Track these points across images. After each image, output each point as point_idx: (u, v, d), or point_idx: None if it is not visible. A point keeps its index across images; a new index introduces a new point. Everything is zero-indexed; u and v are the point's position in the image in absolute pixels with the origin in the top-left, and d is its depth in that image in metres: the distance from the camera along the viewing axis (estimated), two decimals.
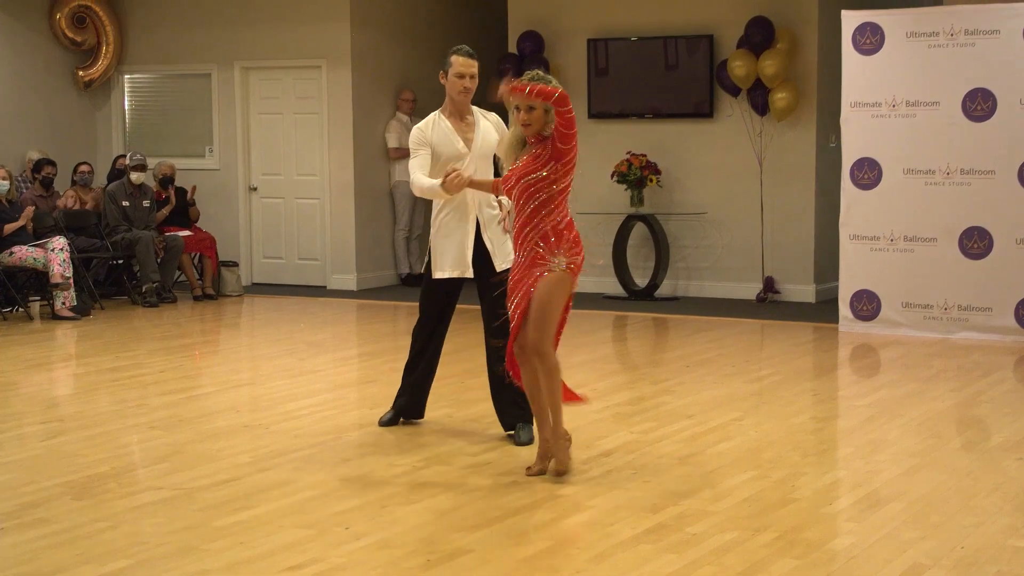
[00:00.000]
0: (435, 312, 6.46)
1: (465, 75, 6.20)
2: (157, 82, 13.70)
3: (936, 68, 9.56)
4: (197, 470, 5.80)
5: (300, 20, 12.77)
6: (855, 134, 9.88)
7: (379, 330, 10.76)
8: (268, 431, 6.63)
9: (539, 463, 5.66)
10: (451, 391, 7.54)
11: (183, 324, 10.88)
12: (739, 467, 5.83)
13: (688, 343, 9.66)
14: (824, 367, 9.04)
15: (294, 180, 13.04)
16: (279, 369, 8.61)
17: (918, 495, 5.37)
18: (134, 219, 11.93)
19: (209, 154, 13.36)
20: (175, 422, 6.87)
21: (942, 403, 7.33)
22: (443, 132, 6.22)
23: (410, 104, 12.79)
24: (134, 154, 12.18)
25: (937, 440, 6.40)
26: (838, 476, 5.82)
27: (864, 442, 6.41)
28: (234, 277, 12.52)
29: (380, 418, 6.69)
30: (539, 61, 12.15)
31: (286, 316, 11.38)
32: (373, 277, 12.92)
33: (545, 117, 5.48)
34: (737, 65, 11.33)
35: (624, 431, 6.51)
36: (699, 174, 11.98)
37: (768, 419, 6.90)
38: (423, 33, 13.35)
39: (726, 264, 11.96)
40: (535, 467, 5.67)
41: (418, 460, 5.95)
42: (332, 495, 5.39)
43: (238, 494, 5.39)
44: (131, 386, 7.96)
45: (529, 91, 5.40)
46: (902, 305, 9.80)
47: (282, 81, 13.00)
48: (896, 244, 9.78)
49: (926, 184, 9.66)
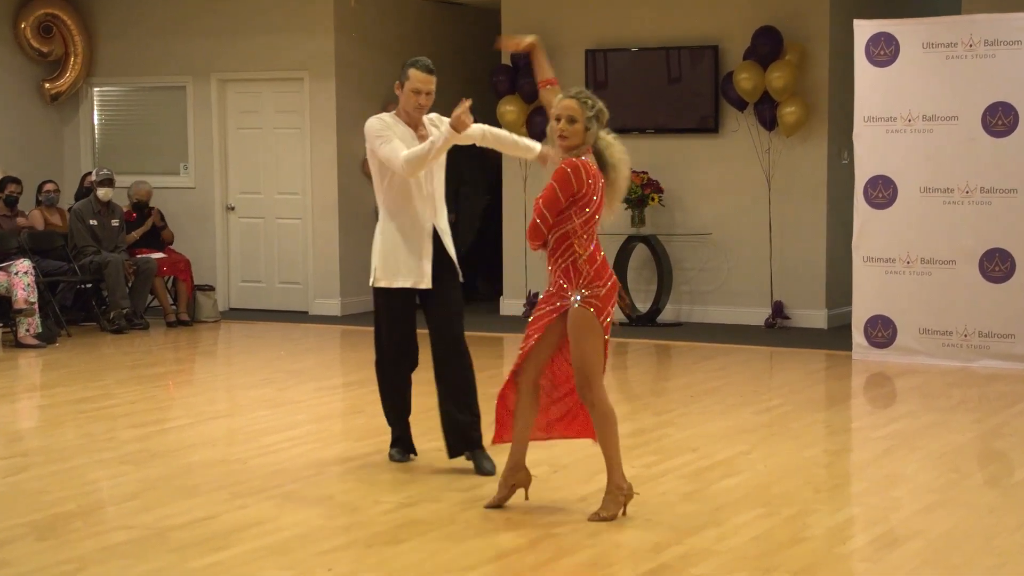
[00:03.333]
0: (398, 334, 6.33)
1: (421, 91, 6.21)
2: (128, 95, 13.72)
3: (954, 81, 9.60)
4: (170, 508, 5.78)
5: (281, 29, 12.81)
6: (869, 150, 9.91)
7: (365, 358, 10.70)
8: (246, 466, 6.61)
9: (502, 492, 5.70)
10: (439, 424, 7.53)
11: (155, 352, 10.87)
12: (747, 504, 5.82)
13: (692, 372, 9.66)
14: (837, 397, 9.04)
15: (274, 199, 13.06)
16: (258, 400, 8.60)
17: (937, 534, 5.36)
18: (103, 239, 11.93)
19: (184, 171, 13.37)
20: (146, 456, 6.85)
21: (963, 435, 7.33)
22: (402, 131, 6.23)
23: None
24: (100, 169, 12.21)
25: (957, 475, 6.40)
26: (852, 513, 5.81)
27: (880, 477, 6.41)
28: (210, 302, 12.51)
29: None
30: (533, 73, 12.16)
31: (265, 343, 11.36)
32: (359, 302, 12.92)
33: (585, 135, 5.45)
34: (744, 77, 11.38)
35: (624, 465, 6.49)
36: (703, 193, 12.01)
37: (777, 452, 6.90)
38: (412, 42, 13.39)
39: (732, 288, 11.98)
40: (496, 498, 5.70)
41: (406, 496, 5.94)
42: (314, 534, 5.37)
43: (214, 533, 5.37)
44: (99, 418, 7.94)
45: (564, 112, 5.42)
46: (919, 331, 9.81)
47: (262, 94, 13.03)
48: (913, 267, 9.80)
49: (944, 203, 9.68)
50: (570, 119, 5.43)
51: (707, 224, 11.98)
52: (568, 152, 5.46)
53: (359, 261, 12.96)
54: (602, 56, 12.13)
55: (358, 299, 12.91)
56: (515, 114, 12.21)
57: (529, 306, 12.28)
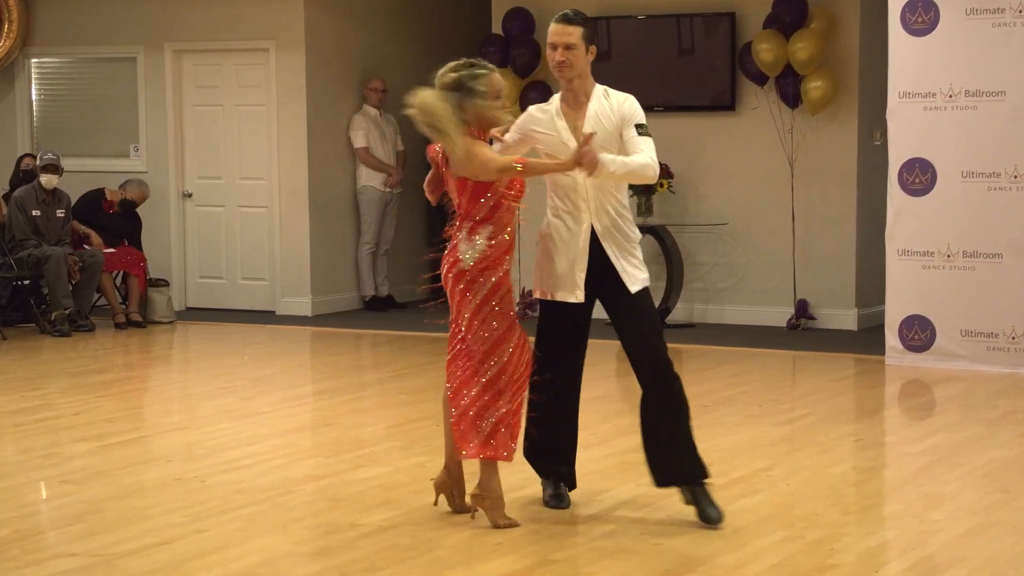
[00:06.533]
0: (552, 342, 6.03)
1: (558, 46, 5.92)
2: (71, 67, 13.70)
3: (1001, 51, 9.61)
4: (119, 532, 5.76)
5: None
6: (904, 130, 9.92)
7: (337, 363, 10.75)
8: (205, 484, 6.60)
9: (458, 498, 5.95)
10: (423, 436, 7.54)
11: (102, 357, 10.85)
12: (767, 526, 5.82)
13: (706, 379, 9.67)
14: (868, 407, 9.05)
15: (237, 185, 13.05)
16: (218, 410, 8.59)
17: (982, 560, 5.37)
18: (45, 232, 11.91)
19: (135, 154, 13.35)
20: (92, 475, 6.83)
21: (1010, 450, 7.34)
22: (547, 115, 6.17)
23: (379, 95, 12.78)
24: (44, 153, 12.17)
25: (1004, 495, 6.41)
26: (886, 538, 5.82)
27: (917, 497, 6.42)
28: (164, 300, 12.49)
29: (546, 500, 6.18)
30: (528, 43, 12.20)
31: (227, 347, 11.35)
32: (331, 301, 12.91)
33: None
34: (764, 48, 11.38)
35: (631, 483, 6.51)
36: (719, 178, 12.01)
37: (801, 469, 6.91)
38: (393, 10, 13.39)
39: (751, 285, 11.99)
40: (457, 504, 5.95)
41: (384, 518, 5.93)
42: (282, 561, 5.36)
43: (169, 561, 5.36)
44: (39, 431, 7.92)
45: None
46: (961, 333, 9.83)
47: (222, 66, 13.01)
48: (953, 261, 9.81)
49: (989, 189, 9.69)
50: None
51: (723, 213, 11.99)
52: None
53: (332, 255, 12.96)
54: (605, 24, 12.11)
55: (331, 298, 12.89)
56: (507, 89, 12.14)
57: (524, 306, 12.28)
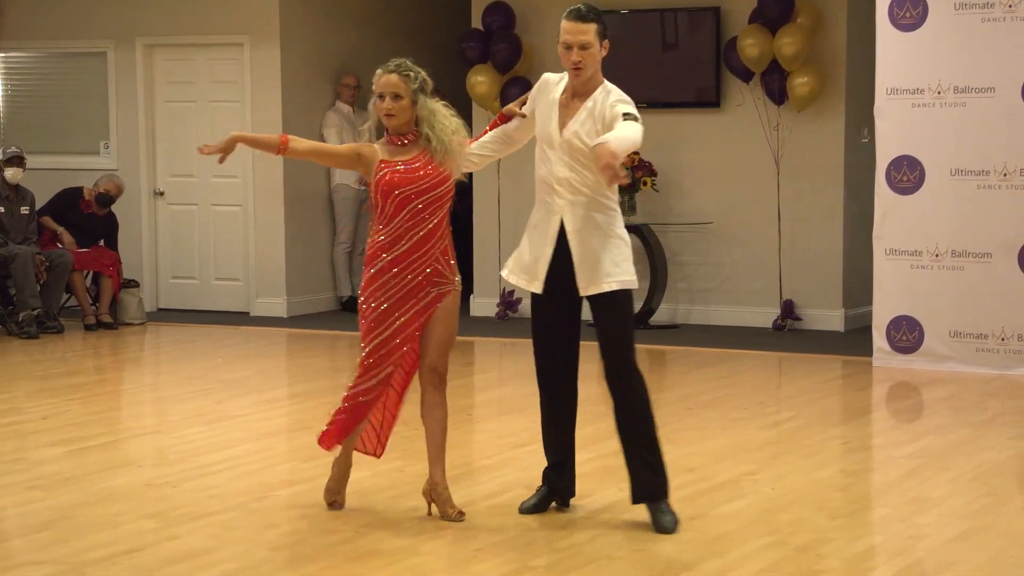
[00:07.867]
0: (541, 337, 6.01)
1: (572, 46, 5.92)
2: (39, 62, 13.66)
3: (991, 47, 9.63)
4: (88, 540, 5.75)
5: None
6: (892, 127, 9.94)
7: (314, 366, 10.73)
8: (177, 490, 6.59)
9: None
10: (400, 440, 7.52)
11: (71, 359, 10.82)
12: (752, 532, 5.83)
13: (690, 381, 9.67)
14: (855, 409, 9.06)
15: (210, 183, 13.02)
16: (191, 414, 8.57)
17: (972, 566, 5.38)
18: (10, 229, 11.88)
19: (105, 151, 13.32)
20: (60, 480, 6.81)
21: (999, 453, 7.36)
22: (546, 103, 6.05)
23: (352, 91, 12.77)
24: (8, 147, 12.14)
25: (994, 499, 6.43)
26: (873, 543, 5.83)
27: (905, 501, 6.43)
28: (135, 301, 12.47)
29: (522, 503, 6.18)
30: (509, 38, 12.19)
31: (200, 349, 11.33)
32: (307, 301, 12.90)
33: (413, 109, 5.78)
34: (749, 44, 11.40)
35: (613, 487, 6.51)
36: (703, 176, 12.03)
37: (787, 473, 6.92)
38: (371, 2, 13.37)
39: (736, 285, 12.00)
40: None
41: (361, 524, 5.93)
42: (258, 569, 5.36)
43: (139, 569, 5.34)
44: (5, 436, 7.89)
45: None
46: (950, 335, 9.85)
47: (195, 61, 12.99)
48: (942, 260, 9.84)
49: (978, 188, 9.72)
50: (394, 95, 5.74)
51: (707, 212, 12.00)
52: (396, 131, 5.80)
53: (307, 255, 12.94)
54: None
55: (306, 299, 12.88)
56: (487, 85, 12.18)
57: (503, 305, 12.30)
